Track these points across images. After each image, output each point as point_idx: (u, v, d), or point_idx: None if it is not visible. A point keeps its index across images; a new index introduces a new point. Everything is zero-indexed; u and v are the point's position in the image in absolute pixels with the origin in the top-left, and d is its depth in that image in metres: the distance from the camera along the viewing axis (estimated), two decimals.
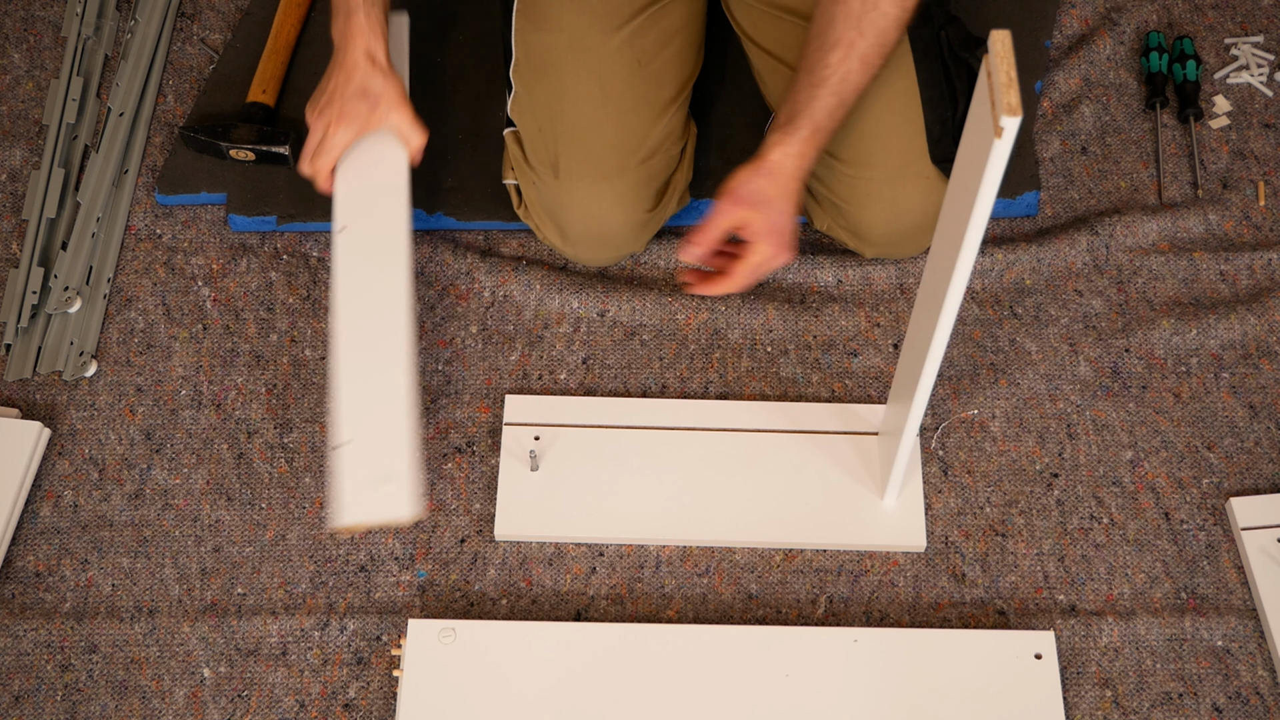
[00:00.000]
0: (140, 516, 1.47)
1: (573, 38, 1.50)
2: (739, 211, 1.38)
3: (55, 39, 1.80)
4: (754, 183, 1.38)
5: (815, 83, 1.38)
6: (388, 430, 1.34)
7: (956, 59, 1.50)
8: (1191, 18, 1.82)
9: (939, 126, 1.49)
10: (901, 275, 1.61)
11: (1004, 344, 1.57)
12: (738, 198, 1.38)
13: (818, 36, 1.38)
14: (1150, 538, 1.46)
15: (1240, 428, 1.52)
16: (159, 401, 1.54)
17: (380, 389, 1.36)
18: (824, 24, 1.38)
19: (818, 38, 1.38)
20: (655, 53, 1.52)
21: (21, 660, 1.38)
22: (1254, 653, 1.39)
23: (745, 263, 1.40)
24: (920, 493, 1.46)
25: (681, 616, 1.42)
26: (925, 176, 1.49)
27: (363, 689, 1.37)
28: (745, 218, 1.38)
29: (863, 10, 1.36)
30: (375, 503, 1.31)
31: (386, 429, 1.34)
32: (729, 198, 1.38)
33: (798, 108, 1.39)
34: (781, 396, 1.54)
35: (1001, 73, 0.95)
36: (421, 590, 1.43)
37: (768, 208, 1.38)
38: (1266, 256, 1.62)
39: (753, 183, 1.38)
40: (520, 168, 1.55)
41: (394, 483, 1.31)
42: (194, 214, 1.66)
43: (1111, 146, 1.72)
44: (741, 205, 1.38)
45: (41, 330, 1.57)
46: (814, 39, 1.38)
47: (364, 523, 1.31)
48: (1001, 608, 1.42)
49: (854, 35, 1.36)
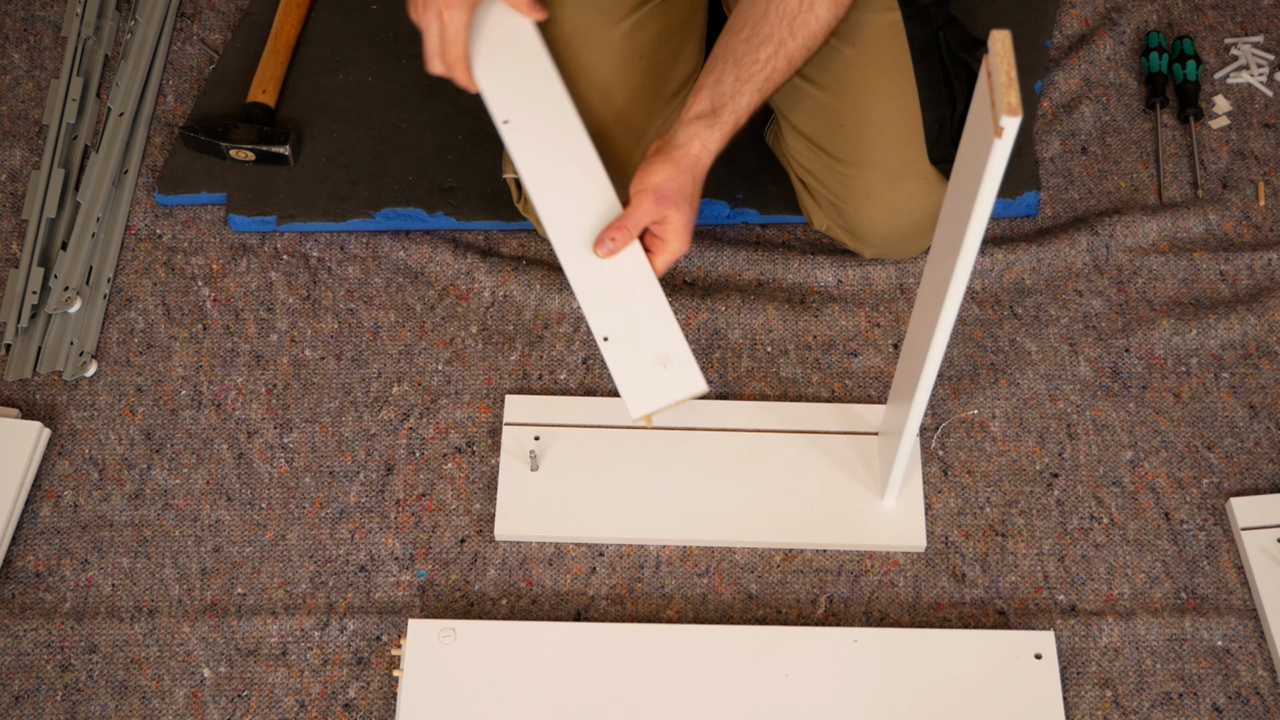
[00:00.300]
0: (140, 516, 1.47)
1: (574, 30, 1.50)
2: (661, 210, 1.35)
3: (55, 39, 1.80)
4: (678, 180, 1.35)
5: (743, 76, 1.36)
6: (648, 314, 1.34)
7: (955, 60, 1.50)
8: (1191, 18, 1.82)
9: (937, 127, 1.49)
10: (901, 275, 1.61)
11: (1004, 344, 1.57)
12: (662, 195, 1.35)
13: (749, 26, 1.36)
14: (1150, 538, 1.46)
15: (1240, 428, 1.52)
16: (159, 401, 1.54)
17: (620, 276, 1.35)
18: (756, 16, 1.36)
19: (748, 28, 1.36)
20: (656, 47, 1.52)
21: (21, 660, 1.38)
22: (1254, 653, 1.39)
23: (661, 260, 1.38)
24: (920, 493, 1.46)
25: (681, 616, 1.42)
26: (923, 177, 1.49)
27: (363, 689, 1.37)
28: (666, 215, 1.36)
29: (798, 10, 1.35)
30: (664, 386, 1.33)
31: (646, 313, 1.34)
32: (654, 195, 1.34)
33: (723, 100, 1.36)
34: (781, 396, 1.54)
35: (1001, 73, 0.95)
36: (421, 590, 1.43)
37: (686, 204, 1.36)
38: (1266, 256, 1.62)
39: (677, 179, 1.35)
40: None
41: (675, 362, 1.34)
42: (194, 214, 1.66)
43: (1111, 146, 1.72)
44: (665, 204, 1.35)
45: (41, 330, 1.57)
46: (744, 28, 1.36)
47: (660, 408, 1.33)
48: (1001, 608, 1.42)
49: (785, 34, 1.36)
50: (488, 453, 1.50)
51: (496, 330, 1.58)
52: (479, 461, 1.50)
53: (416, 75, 1.73)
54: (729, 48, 1.37)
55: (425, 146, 1.69)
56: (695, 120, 1.36)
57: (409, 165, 1.67)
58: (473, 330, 1.58)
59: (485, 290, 1.60)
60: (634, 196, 1.35)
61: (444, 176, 1.66)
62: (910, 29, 1.47)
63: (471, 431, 1.52)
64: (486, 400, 1.54)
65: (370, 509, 1.47)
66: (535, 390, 1.54)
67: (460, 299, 1.60)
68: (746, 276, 1.62)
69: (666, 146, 1.37)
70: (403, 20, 1.78)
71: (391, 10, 1.76)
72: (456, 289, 1.61)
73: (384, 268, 1.62)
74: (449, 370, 1.56)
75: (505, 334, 1.58)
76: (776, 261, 1.62)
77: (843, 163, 1.50)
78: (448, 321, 1.59)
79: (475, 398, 1.54)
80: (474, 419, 1.52)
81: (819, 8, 1.36)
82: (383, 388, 1.55)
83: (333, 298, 1.60)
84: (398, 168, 1.66)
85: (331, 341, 1.57)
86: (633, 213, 1.35)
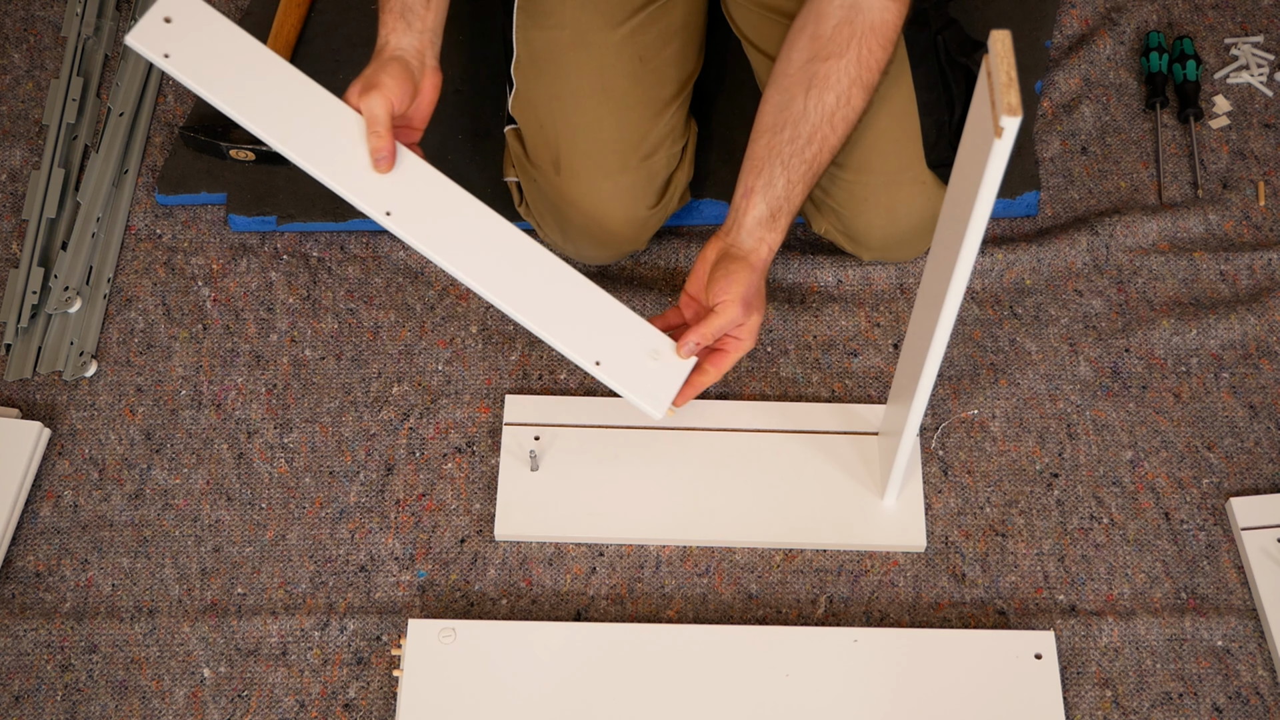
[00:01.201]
0: (140, 516, 1.47)
1: (574, 34, 1.50)
2: (747, 315, 1.38)
3: (55, 39, 1.80)
4: (756, 284, 1.39)
5: (794, 180, 1.39)
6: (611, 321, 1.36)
7: (953, 64, 1.50)
8: (1191, 18, 1.82)
9: (935, 131, 1.49)
10: (901, 275, 1.61)
11: (1004, 344, 1.57)
12: (747, 303, 1.37)
13: (789, 127, 1.39)
14: (1150, 538, 1.46)
15: (1240, 428, 1.52)
16: (159, 401, 1.54)
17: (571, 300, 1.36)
18: (795, 115, 1.38)
19: (789, 128, 1.39)
20: (656, 50, 1.52)
21: (21, 660, 1.38)
22: (1254, 653, 1.39)
23: (730, 359, 1.40)
24: (920, 493, 1.46)
25: (681, 616, 1.42)
26: (921, 182, 1.49)
27: (363, 689, 1.37)
28: (748, 319, 1.38)
29: (836, 106, 1.38)
30: (666, 375, 1.36)
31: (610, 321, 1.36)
32: (741, 304, 1.36)
33: (779, 204, 1.39)
34: (781, 396, 1.54)
35: (1001, 73, 0.95)
36: (421, 590, 1.43)
37: (761, 305, 1.40)
38: (1266, 256, 1.62)
39: (755, 284, 1.39)
40: (521, 165, 1.55)
41: (658, 349, 1.37)
42: (194, 214, 1.66)
43: (1111, 146, 1.72)
44: (750, 310, 1.38)
45: (41, 330, 1.57)
46: (785, 128, 1.39)
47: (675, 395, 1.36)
48: (1001, 608, 1.42)
49: (827, 131, 1.39)
50: (488, 453, 1.50)
51: (496, 330, 1.58)
52: (479, 461, 1.50)
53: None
54: (773, 149, 1.39)
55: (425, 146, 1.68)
56: (756, 225, 1.39)
57: None
58: (473, 330, 1.58)
59: None
60: (722, 305, 1.36)
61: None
62: (908, 33, 1.47)
63: (471, 431, 1.52)
64: (486, 400, 1.54)
65: (370, 509, 1.47)
66: (535, 390, 1.54)
67: (460, 299, 1.60)
68: None
69: (738, 252, 1.39)
70: None
71: None
72: (456, 289, 1.61)
73: (384, 268, 1.62)
74: (449, 370, 1.56)
75: (505, 334, 1.58)
76: (776, 261, 1.62)
77: (840, 167, 1.50)
78: (448, 321, 1.59)
79: (475, 398, 1.54)
80: (474, 419, 1.52)
81: (855, 99, 1.39)
82: (383, 388, 1.55)
83: (333, 298, 1.60)
84: None
85: (331, 341, 1.57)
86: (720, 319, 1.36)
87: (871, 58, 1.38)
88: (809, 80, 1.38)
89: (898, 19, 1.38)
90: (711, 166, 1.65)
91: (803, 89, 1.38)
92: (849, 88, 1.38)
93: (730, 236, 1.40)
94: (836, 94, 1.38)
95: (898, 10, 1.38)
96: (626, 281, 1.61)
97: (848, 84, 1.38)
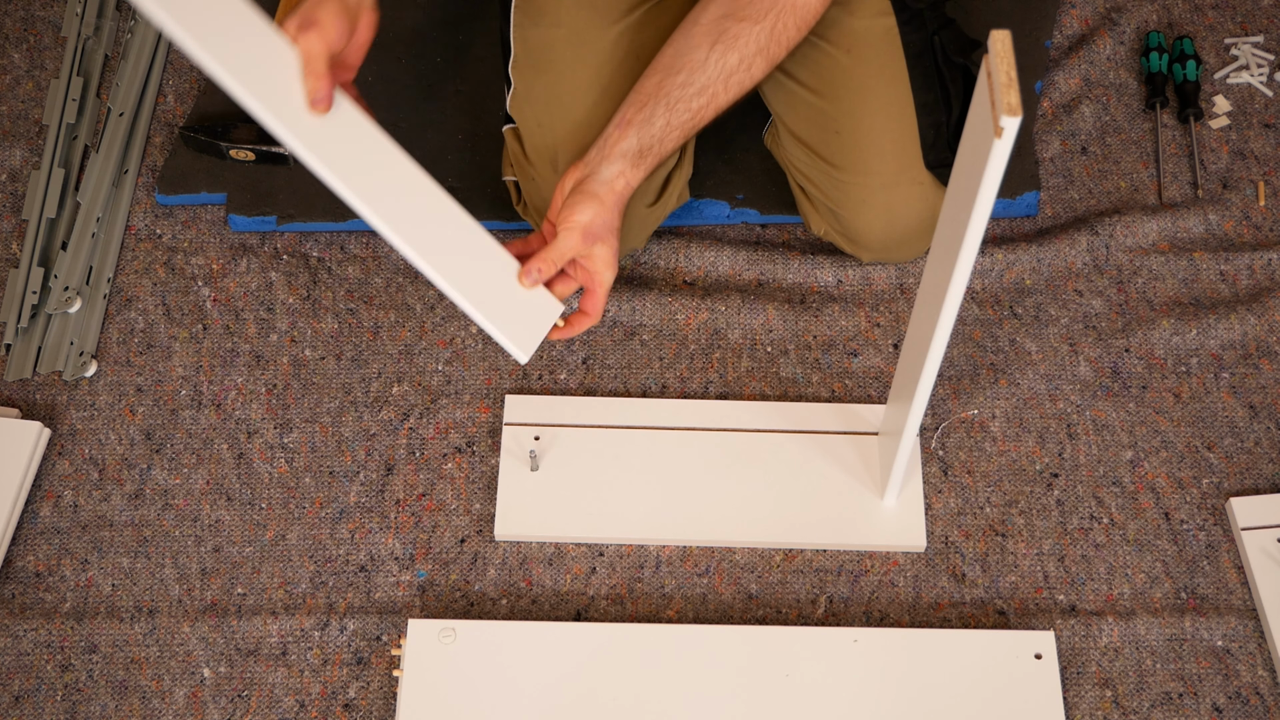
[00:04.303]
0: (140, 516, 1.47)
1: (571, 32, 1.50)
2: (589, 246, 1.36)
3: (55, 39, 1.80)
4: (604, 216, 1.37)
5: (674, 123, 1.38)
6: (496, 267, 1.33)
7: (950, 64, 1.50)
8: (1191, 18, 1.82)
9: (933, 132, 1.49)
10: (901, 275, 1.61)
11: (1004, 344, 1.57)
12: (590, 232, 1.35)
13: (685, 72, 1.37)
14: (1150, 538, 1.46)
15: (1240, 428, 1.52)
16: (159, 401, 1.54)
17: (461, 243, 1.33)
18: (695, 63, 1.37)
19: (685, 73, 1.37)
20: (654, 48, 1.52)
21: (21, 660, 1.38)
22: (1254, 653, 1.39)
23: (598, 295, 1.39)
24: (920, 493, 1.46)
25: (681, 616, 1.42)
26: (920, 183, 1.49)
27: (363, 689, 1.37)
28: (593, 250, 1.36)
29: (736, 68, 1.37)
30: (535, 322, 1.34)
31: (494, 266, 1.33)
32: (581, 232, 1.35)
33: (651, 143, 1.38)
34: (781, 396, 1.54)
35: (1001, 73, 0.95)
36: (421, 590, 1.43)
37: (612, 236, 1.37)
38: (1266, 256, 1.62)
39: (603, 216, 1.36)
40: (520, 164, 1.55)
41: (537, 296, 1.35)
42: (194, 214, 1.66)
43: (1111, 146, 1.72)
44: (593, 240, 1.36)
45: (41, 330, 1.57)
46: (680, 72, 1.38)
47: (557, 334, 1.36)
48: (1001, 608, 1.42)
49: (720, 88, 1.38)
50: (488, 453, 1.50)
51: None
52: (479, 461, 1.50)
53: (416, 75, 1.74)
54: (663, 89, 1.38)
55: (425, 146, 1.68)
56: (621, 158, 1.37)
57: None
58: (473, 330, 1.58)
59: None
60: (561, 231, 1.35)
61: (444, 176, 1.65)
62: (905, 34, 1.48)
63: (471, 431, 1.52)
64: (486, 400, 1.54)
65: (370, 509, 1.47)
66: (535, 390, 1.54)
67: None
68: (746, 276, 1.62)
69: (592, 182, 1.37)
70: (401, 20, 1.79)
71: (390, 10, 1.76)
72: None
73: (384, 268, 1.62)
74: (449, 370, 1.56)
75: None
76: (776, 261, 1.62)
77: (838, 169, 1.50)
78: (448, 321, 1.59)
79: (475, 398, 1.54)
80: (474, 419, 1.52)
81: (755, 68, 1.38)
82: (383, 388, 1.55)
83: (333, 298, 1.60)
84: None
85: (331, 341, 1.57)
86: (559, 246, 1.35)
87: (784, 34, 1.37)
88: (718, 34, 1.37)
89: (820, 6, 1.37)
90: (710, 165, 1.65)
91: (709, 41, 1.37)
92: (754, 55, 1.37)
93: (591, 164, 1.38)
94: (740, 56, 1.37)
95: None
96: (626, 281, 1.61)
97: (754, 50, 1.37)
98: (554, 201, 1.39)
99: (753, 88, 1.40)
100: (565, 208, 1.36)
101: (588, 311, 1.39)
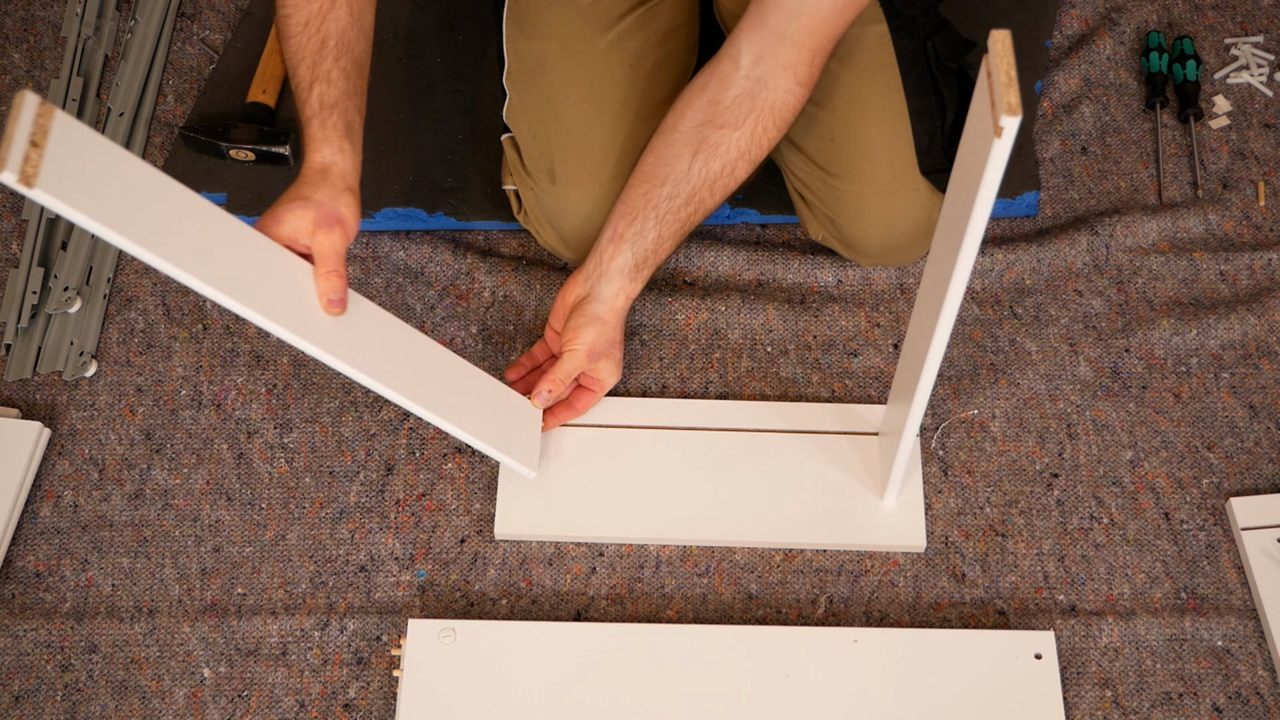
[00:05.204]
0: (140, 516, 1.47)
1: (561, 43, 1.50)
2: (593, 363, 1.44)
3: (55, 39, 1.80)
4: (606, 335, 1.44)
5: (665, 235, 1.43)
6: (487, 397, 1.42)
7: (944, 68, 1.50)
8: (1191, 18, 1.82)
9: (927, 138, 1.49)
10: (901, 275, 1.61)
11: (1004, 344, 1.57)
12: (594, 352, 1.44)
13: (670, 183, 1.41)
14: (1150, 538, 1.46)
15: (1240, 428, 1.52)
16: (159, 401, 1.54)
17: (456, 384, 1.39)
18: (679, 174, 1.41)
19: (670, 184, 1.41)
20: (646, 55, 1.52)
21: (21, 660, 1.38)
22: (1254, 653, 1.39)
23: (595, 398, 1.47)
24: (920, 493, 1.46)
25: (681, 616, 1.42)
26: (915, 189, 1.49)
27: (363, 689, 1.37)
28: (597, 366, 1.45)
29: (719, 175, 1.40)
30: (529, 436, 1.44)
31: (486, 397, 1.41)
32: (586, 353, 1.43)
33: (645, 257, 1.43)
34: (781, 396, 1.54)
35: (1001, 73, 0.95)
36: (421, 590, 1.43)
37: (616, 349, 1.46)
38: (1266, 256, 1.62)
39: (605, 335, 1.44)
40: (518, 174, 1.55)
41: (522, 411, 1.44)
42: None
43: (1111, 146, 1.72)
44: (596, 357, 1.44)
45: (41, 330, 1.57)
46: (666, 183, 1.41)
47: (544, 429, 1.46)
48: (1001, 608, 1.42)
49: (706, 194, 1.42)
50: None
51: (496, 330, 1.58)
52: (479, 461, 1.50)
53: (416, 75, 1.74)
54: (650, 201, 1.42)
55: (425, 146, 1.69)
56: (619, 274, 1.43)
57: (409, 165, 1.67)
58: (473, 330, 1.58)
59: (485, 290, 1.60)
60: (566, 354, 1.43)
61: (444, 176, 1.66)
62: (897, 41, 1.48)
63: None
64: None
65: (370, 509, 1.47)
66: None
67: (460, 299, 1.60)
68: (746, 276, 1.62)
69: (593, 304, 1.43)
70: (401, 20, 1.79)
71: (390, 10, 1.76)
72: (456, 289, 1.61)
73: (384, 268, 1.62)
74: None
75: (505, 334, 1.58)
76: (776, 261, 1.62)
77: (835, 177, 1.50)
78: (448, 321, 1.59)
79: None
80: None
81: (739, 171, 1.41)
82: None
83: None
84: (398, 168, 1.66)
85: None
86: (565, 366, 1.43)
87: (765, 136, 1.40)
88: (699, 143, 1.40)
89: (799, 103, 1.40)
90: None
91: (690, 150, 1.40)
92: (736, 160, 1.40)
93: (591, 281, 1.44)
94: (723, 163, 1.40)
95: (801, 95, 1.39)
96: None
97: (736, 156, 1.40)
98: (555, 309, 1.47)
99: (739, 187, 1.43)
100: (569, 330, 1.43)
101: (576, 407, 1.47)
